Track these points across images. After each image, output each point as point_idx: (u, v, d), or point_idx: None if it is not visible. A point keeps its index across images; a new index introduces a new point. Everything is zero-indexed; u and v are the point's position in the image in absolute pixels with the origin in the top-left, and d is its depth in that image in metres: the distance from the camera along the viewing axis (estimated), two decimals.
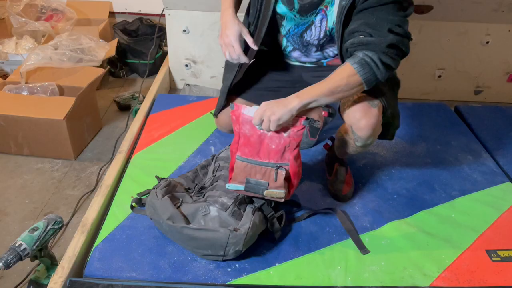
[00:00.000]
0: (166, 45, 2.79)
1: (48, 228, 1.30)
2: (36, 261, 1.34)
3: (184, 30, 2.43)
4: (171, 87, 2.65)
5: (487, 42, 2.43)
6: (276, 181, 1.29)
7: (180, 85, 2.65)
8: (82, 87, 2.09)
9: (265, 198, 1.33)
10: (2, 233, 1.63)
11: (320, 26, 1.36)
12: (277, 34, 1.47)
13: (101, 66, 2.44)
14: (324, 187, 1.66)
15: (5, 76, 2.50)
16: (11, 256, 1.22)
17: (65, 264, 1.31)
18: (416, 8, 2.32)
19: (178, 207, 1.37)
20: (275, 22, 1.43)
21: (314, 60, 1.51)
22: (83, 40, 2.49)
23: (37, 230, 1.28)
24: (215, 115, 1.59)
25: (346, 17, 1.25)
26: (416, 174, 1.74)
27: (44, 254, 1.33)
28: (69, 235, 1.61)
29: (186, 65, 2.56)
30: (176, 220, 1.31)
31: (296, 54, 1.50)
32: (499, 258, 1.38)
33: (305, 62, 1.53)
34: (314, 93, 1.23)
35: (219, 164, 1.50)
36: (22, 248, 1.24)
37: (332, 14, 1.32)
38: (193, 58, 2.53)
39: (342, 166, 1.64)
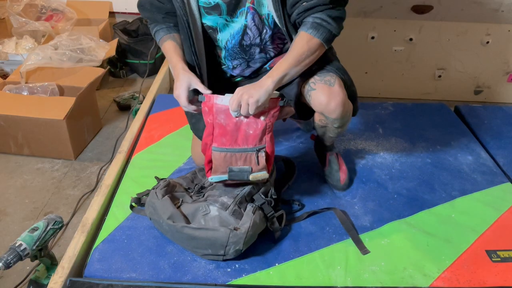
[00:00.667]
0: None
1: (48, 228, 1.30)
2: (36, 261, 1.34)
3: None
4: (171, 87, 2.65)
5: (487, 42, 2.43)
6: (258, 164, 1.33)
7: None
8: (82, 87, 2.09)
9: (250, 182, 1.36)
10: (2, 233, 1.63)
11: (255, 25, 1.35)
12: (215, 57, 1.47)
13: (101, 66, 2.44)
14: (324, 187, 1.65)
15: (5, 76, 2.50)
16: (11, 256, 1.22)
17: (65, 264, 1.31)
18: (416, 8, 2.32)
19: (178, 207, 1.37)
20: (210, 44, 1.43)
21: (258, 65, 1.49)
22: (83, 40, 2.49)
23: (37, 230, 1.28)
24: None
25: None
26: (416, 174, 1.74)
27: (44, 254, 1.33)
28: (69, 235, 1.61)
29: None
30: (176, 220, 1.31)
31: (238, 70, 1.50)
32: (499, 259, 1.38)
33: (249, 76, 1.53)
34: (283, 67, 1.27)
35: None
36: (22, 248, 1.24)
37: (263, 3, 1.31)
38: None
39: (332, 154, 1.65)
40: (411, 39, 2.44)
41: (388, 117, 2.13)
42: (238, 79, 1.56)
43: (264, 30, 1.38)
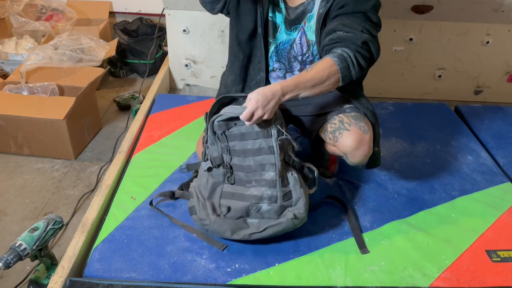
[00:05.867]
0: (166, 45, 2.79)
1: (48, 228, 1.30)
2: (36, 261, 1.34)
3: (184, 30, 2.43)
4: (171, 87, 2.66)
5: (487, 42, 2.43)
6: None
7: (180, 85, 2.66)
8: (82, 87, 2.09)
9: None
10: (2, 233, 1.63)
11: (300, 43, 1.47)
12: (261, 55, 1.52)
13: (101, 66, 2.44)
14: (324, 187, 1.65)
15: (5, 76, 2.50)
16: (11, 256, 1.22)
17: (65, 264, 1.31)
18: (416, 8, 2.32)
19: (218, 215, 1.35)
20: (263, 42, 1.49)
21: None
22: (83, 40, 2.49)
23: (37, 230, 1.28)
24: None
25: (323, 23, 1.36)
26: (416, 174, 1.74)
27: (44, 254, 1.33)
28: (69, 235, 1.61)
29: (186, 65, 2.56)
30: (238, 231, 1.33)
31: (275, 74, 1.56)
32: (499, 259, 1.38)
33: None
34: (297, 82, 1.28)
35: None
36: (22, 248, 1.24)
37: (311, 28, 1.42)
38: (193, 58, 2.53)
39: None
40: (411, 39, 2.44)
41: (388, 117, 2.13)
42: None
43: (308, 54, 1.48)
